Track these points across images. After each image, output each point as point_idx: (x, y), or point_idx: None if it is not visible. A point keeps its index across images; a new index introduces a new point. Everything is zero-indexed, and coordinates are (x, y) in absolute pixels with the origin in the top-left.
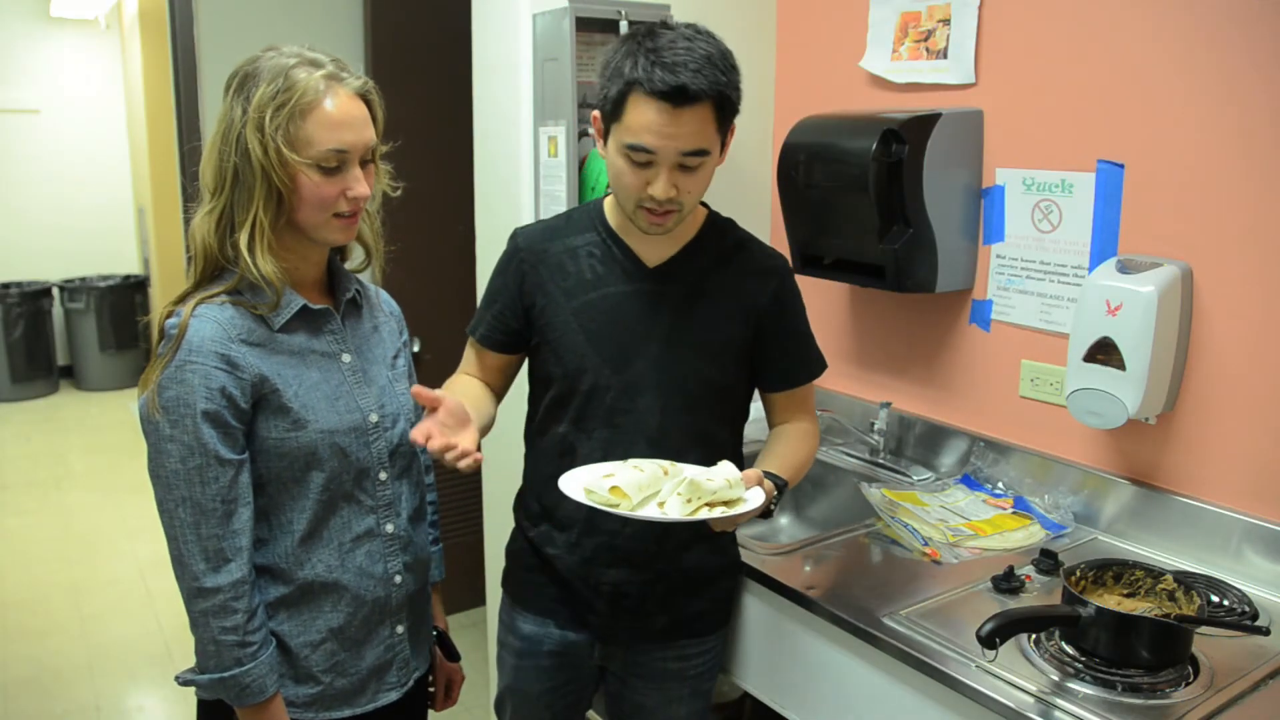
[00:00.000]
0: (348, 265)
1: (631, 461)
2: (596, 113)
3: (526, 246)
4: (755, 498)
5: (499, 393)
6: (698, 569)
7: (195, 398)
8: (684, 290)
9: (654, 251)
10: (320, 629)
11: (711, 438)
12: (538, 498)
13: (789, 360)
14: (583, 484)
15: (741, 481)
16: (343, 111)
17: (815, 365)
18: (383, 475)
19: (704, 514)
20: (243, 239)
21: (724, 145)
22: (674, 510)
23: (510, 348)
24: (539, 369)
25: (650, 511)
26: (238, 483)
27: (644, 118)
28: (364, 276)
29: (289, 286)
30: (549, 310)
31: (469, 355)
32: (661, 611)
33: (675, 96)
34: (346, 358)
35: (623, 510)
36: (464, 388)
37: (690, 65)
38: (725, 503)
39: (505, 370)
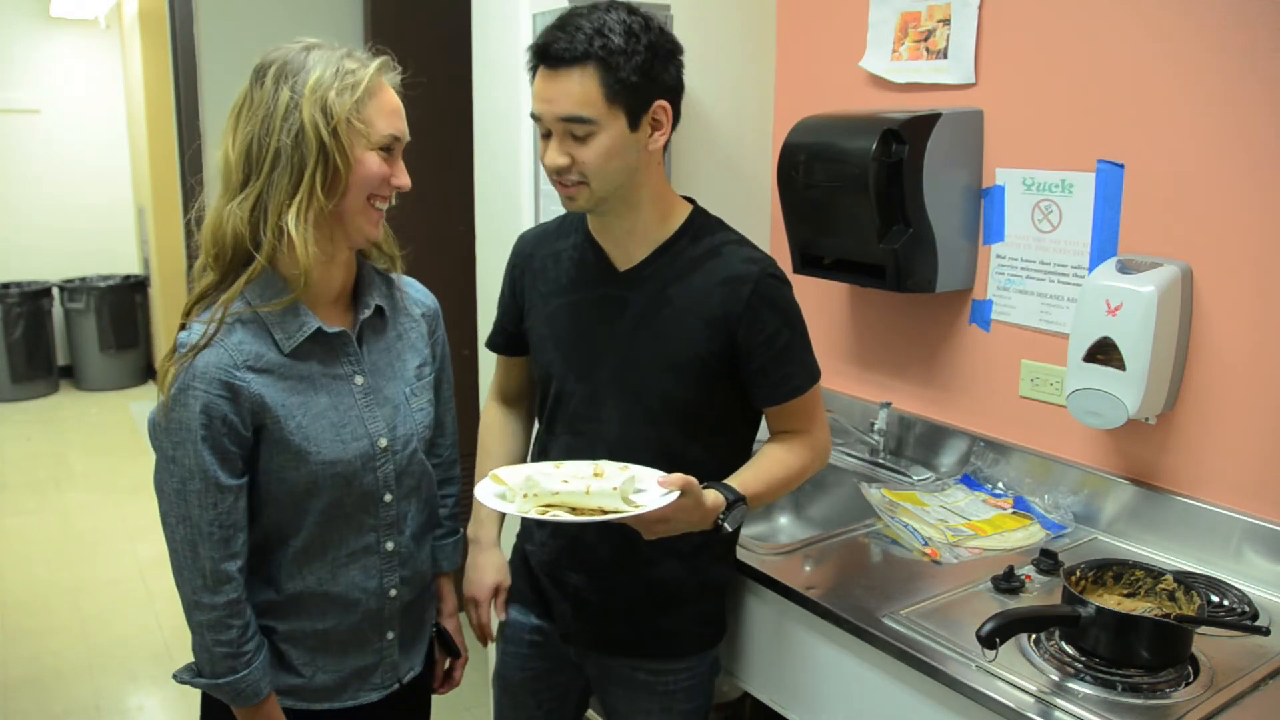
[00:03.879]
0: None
1: (571, 462)
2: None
3: (520, 250)
4: (649, 504)
5: (531, 398)
6: (665, 585)
7: (195, 424)
8: (647, 297)
9: (626, 254)
10: (306, 629)
11: (680, 455)
12: None
13: (768, 375)
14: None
15: (616, 493)
16: (395, 102)
17: (798, 380)
18: (387, 498)
19: (552, 515)
20: (290, 218)
21: (639, 122)
22: (517, 506)
23: (511, 349)
24: (532, 370)
25: (505, 505)
26: (236, 508)
27: (534, 86)
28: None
29: (305, 306)
30: (531, 314)
31: (496, 364)
32: (625, 623)
33: (543, 57)
34: (359, 380)
35: (504, 503)
36: (489, 441)
37: (569, 29)
38: (602, 511)
39: (526, 373)
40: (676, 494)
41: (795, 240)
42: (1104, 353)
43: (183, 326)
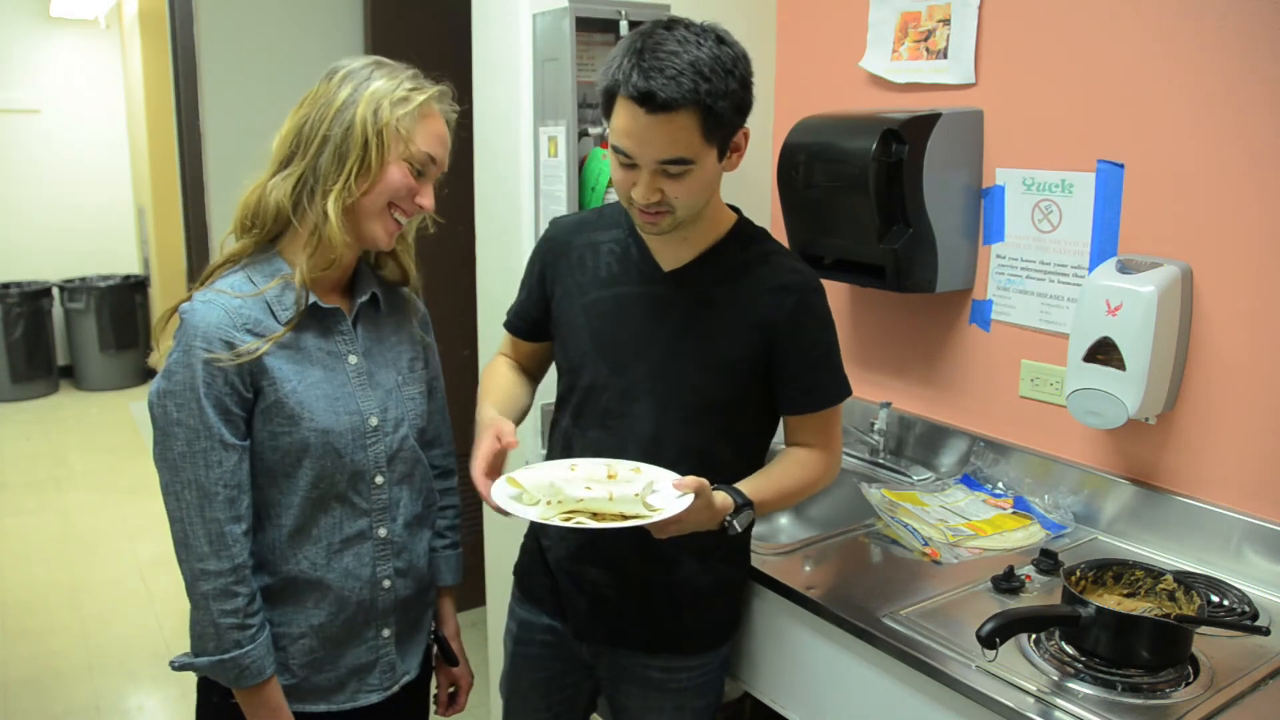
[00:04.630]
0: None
1: (585, 460)
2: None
3: (554, 236)
4: (668, 507)
5: (535, 374)
6: (685, 584)
7: (198, 381)
8: (693, 298)
9: (671, 255)
10: (301, 624)
11: (709, 454)
12: None
13: (799, 384)
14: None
15: (637, 499)
16: (443, 130)
17: (828, 392)
18: (379, 479)
19: (576, 522)
20: (331, 201)
21: (726, 152)
22: (539, 512)
23: (533, 335)
24: (556, 359)
25: (526, 510)
26: (240, 469)
27: (622, 121)
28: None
29: (306, 286)
30: (563, 302)
31: (504, 339)
32: (642, 620)
33: (646, 102)
34: (353, 359)
35: (523, 507)
36: (495, 376)
37: (668, 71)
38: (623, 516)
39: (536, 356)
40: (692, 497)
41: (795, 240)
42: (1104, 353)
43: (189, 297)
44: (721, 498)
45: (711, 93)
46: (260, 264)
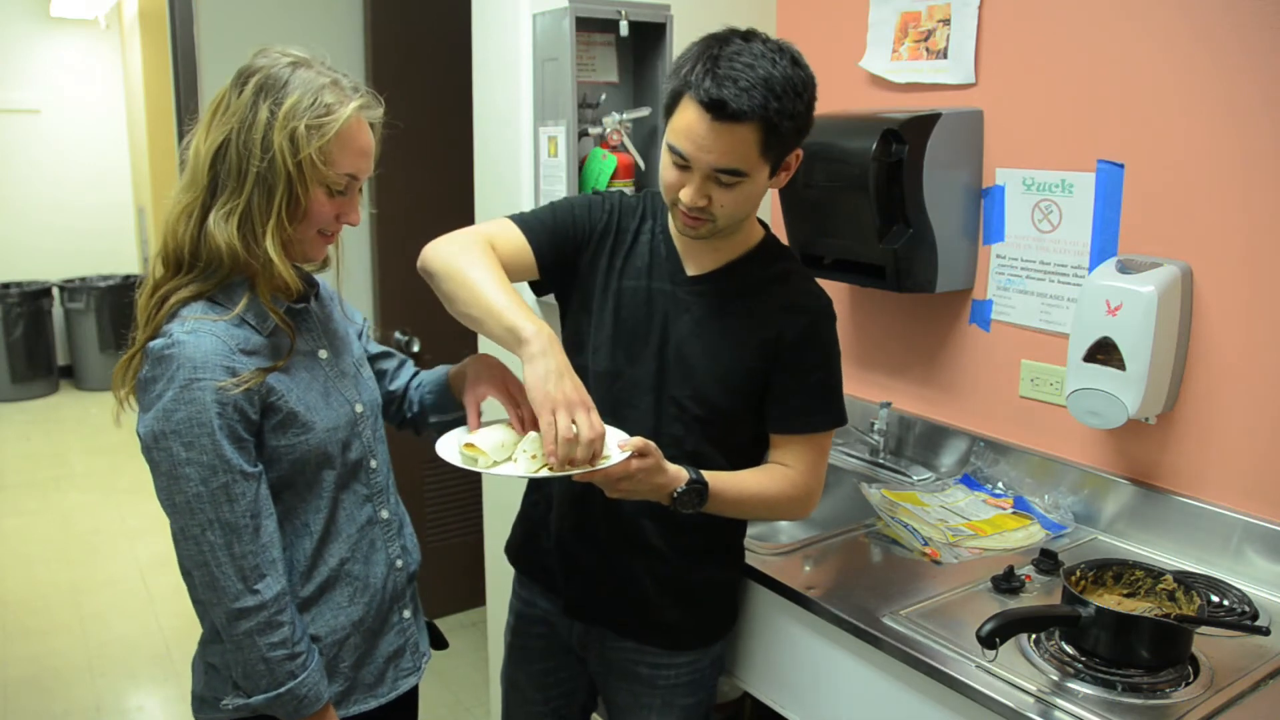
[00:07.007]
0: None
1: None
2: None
3: (620, 209)
4: (616, 456)
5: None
6: (674, 580)
7: (209, 415)
8: (710, 306)
9: (697, 260)
10: (345, 624)
11: (703, 460)
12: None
13: (789, 404)
14: (457, 440)
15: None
16: (365, 142)
17: (814, 417)
18: (373, 463)
19: (556, 472)
20: (268, 242)
21: (777, 169)
22: (522, 468)
23: (540, 246)
24: (573, 335)
25: (505, 469)
26: (260, 495)
27: (685, 122)
28: (330, 283)
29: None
30: (595, 279)
31: (495, 228)
32: (631, 611)
33: (714, 109)
34: (323, 354)
35: (480, 467)
36: (497, 271)
37: (741, 82)
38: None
39: (519, 259)
40: (629, 454)
41: (795, 240)
42: (1104, 353)
43: (154, 333)
44: (675, 468)
45: (780, 112)
46: (228, 288)
